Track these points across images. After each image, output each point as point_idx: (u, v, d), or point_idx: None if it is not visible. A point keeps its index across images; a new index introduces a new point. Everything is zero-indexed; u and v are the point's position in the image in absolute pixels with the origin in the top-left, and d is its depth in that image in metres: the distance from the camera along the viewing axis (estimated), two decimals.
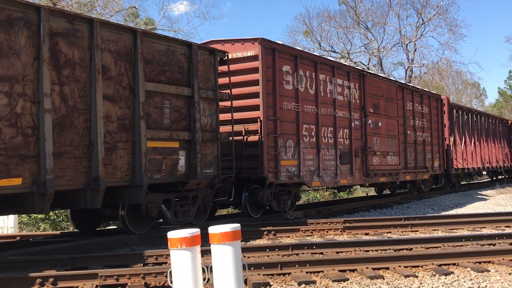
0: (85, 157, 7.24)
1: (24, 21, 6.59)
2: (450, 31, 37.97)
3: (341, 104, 12.67)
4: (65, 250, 7.21)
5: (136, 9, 28.81)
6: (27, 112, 6.58)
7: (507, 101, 64.58)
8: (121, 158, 7.74)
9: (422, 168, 16.55)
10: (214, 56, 9.46)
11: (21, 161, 6.49)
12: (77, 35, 7.20)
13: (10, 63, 6.42)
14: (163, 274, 5.48)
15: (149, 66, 8.20)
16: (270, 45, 10.70)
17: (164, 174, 8.40)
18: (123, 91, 7.80)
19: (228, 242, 4.28)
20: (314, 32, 37.81)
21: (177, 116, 8.70)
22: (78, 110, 7.19)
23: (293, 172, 10.94)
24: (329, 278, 5.64)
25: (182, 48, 8.84)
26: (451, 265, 6.24)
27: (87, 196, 7.30)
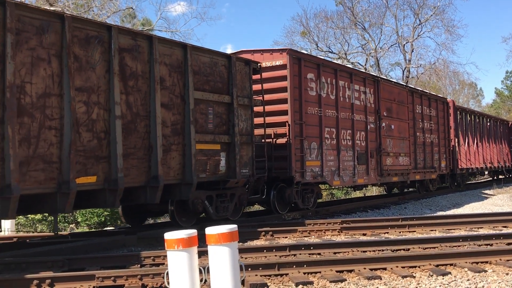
0: (145, 158, 8.17)
1: (98, 39, 7.52)
2: (447, 31, 37.61)
3: (358, 108, 13.63)
4: (62, 252, 7.21)
5: (133, 10, 28.80)
6: (100, 118, 7.50)
7: (504, 102, 64.90)
8: (174, 159, 8.66)
9: (430, 168, 17.55)
10: (249, 66, 10.40)
11: (96, 161, 7.42)
12: (139, 50, 8.13)
13: (87, 76, 7.35)
14: (160, 275, 5.46)
15: (196, 76, 9.12)
16: (297, 55, 11.65)
17: (208, 173, 9.33)
18: (175, 99, 8.73)
19: (225, 243, 4.27)
20: (311, 32, 37.91)
21: (218, 121, 9.63)
22: (140, 116, 8.11)
23: (317, 172, 11.89)
24: (327, 279, 5.65)
25: (223, 60, 9.77)
26: (448, 266, 6.24)
27: (147, 193, 8.23)
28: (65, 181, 6.93)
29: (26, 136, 6.56)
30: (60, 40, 7.01)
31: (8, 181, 6.29)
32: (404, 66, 37.55)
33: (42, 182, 6.76)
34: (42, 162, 6.75)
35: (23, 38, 6.59)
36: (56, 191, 6.93)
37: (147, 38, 8.27)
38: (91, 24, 7.47)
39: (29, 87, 6.64)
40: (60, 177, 6.95)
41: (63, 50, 7.01)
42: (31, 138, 6.63)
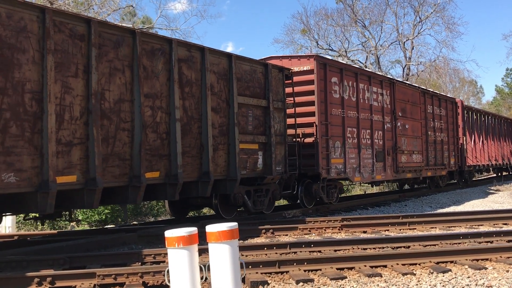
0: (198, 156, 9.19)
1: (161, 51, 8.52)
2: (448, 29, 37.28)
3: (376, 109, 14.65)
4: (63, 250, 7.23)
5: (133, 8, 28.49)
6: (163, 121, 8.52)
7: (505, 99, 64.98)
8: (221, 157, 9.68)
9: (440, 165, 18.60)
10: (282, 73, 11.42)
11: (159, 159, 8.44)
12: (193, 60, 9.14)
13: (152, 84, 8.36)
14: (161, 273, 5.45)
15: (239, 83, 10.12)
16: (323, 61, 12.66)
17: (248, 170, 10.34)
18: (222, 103, 9.74)
19: (226, 241, 4.27)
20: (311, 30, 37.74)
21: (257, 123, 10.64)
22: (194, 119, 9.12)
23: (340, 169, 12.91)
24: (327, 276, 5.65)
25: (260, 67, 10.77)
26: (448, 263, 6.24)
27: (199, 187, 9.26)
28: (135, 176, 7.96)
29: (105, 136, 7.58)
30: (131, 53, 8.02)
31: (93, 175, 7.31)
32: (405, 63, 37.57)
33: (117, 176, 7.78)
34: (117, 159, 7.77)
35: (103, 51, 7.60)
36: (127, 184, 7.95)
37: (199, 49, 9.27)
38: (156, 38, 8.47)
39: (107, 94, 7.65)
40: (131, 172, 7.97)
41: (134, 61, 8.03)
42: (109, 138, 7.64)
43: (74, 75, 7.21)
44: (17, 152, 6.49)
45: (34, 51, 6.73)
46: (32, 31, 6.71)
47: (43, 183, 6.71)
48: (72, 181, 7.14)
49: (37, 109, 6.72)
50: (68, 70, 7.13)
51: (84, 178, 7.28)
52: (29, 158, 6.61)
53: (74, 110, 7.18)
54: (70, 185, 7.10)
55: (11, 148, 6.42)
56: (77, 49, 7.26)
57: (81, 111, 7.27)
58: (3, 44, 6.39)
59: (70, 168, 7.11)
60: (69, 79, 7.14)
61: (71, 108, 7.15)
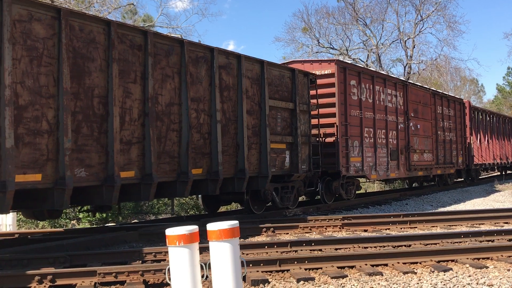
0: (234, 155, 10.02)
1: (204, 58, 9.36)
2: (449, 27, 37.15)
3: (391, 110, 15.49)
4: (64, 248, 7.25)
5: (134, 6, 28.59)
6: (205, 122, 9.36)
7: (506, 98, 65.19)
8: (253, 156, 10.51)
9: (449, 163, 19.45)
10: (307, 77, 12.25)
11: (202, 156, 9.28)
12: (231, 67, 9.97)
13: (197, 89, 9.20)
14: (161, 271, 5.48)
15: (269, 87, 10.95)
16: (343, 65, 13.50)
17: (277, 168, 11.18)
18: (255, 106, 10.57)
19: (227, 239, 4.27)
20: (312, 28, 37.77)
21: (284, 124, 11.47)
22: (231, 120, 9.96)
23: (358, 167, 13.77)
24: (328, 275, 5.65)
25: (288, 73, 11.60)
26: (449, 262, 6.24)
27: (234, 183, 10.09)
28: (183, 172, 8.80)
29: (158, 136, 8.42)
30: (179, 61, 8.85)
31: (148, 171, 8.16)
32: (406, 62, 37.61)
33: (167, 172, 8.62)
34: (168, 156, 8.62)
35: (157, 60, 8.43)
36: (175, 179, 8.79)
37: (236, 56, 10.10)
38: (200, 47, 9.30)
39: (160, 98, 8.49)
40: (179, 169, 8.81)
41: (182, 69, 8.86)
42: (161, 138, 8.48)
43: (133, 81, 8.05)
44: (87, 150, 7.34)
45: (101, 60, 7.57)
46: (99, 42, 7.55)
47: (108, 177, 7.56)
48: (131, 176, 7.99)
49: (103, 112, 7.56)
50: (128, 77, 7.97)
51: (140, 174, 8.13)
52: (96, 155, 7.46)
53: (133, 113, 8.03)
54: (129, 179, 7.95)
55: (82, 146, 7.27)
56: (136, 58, 8.10)
57: (139, 113, 8.12)
58: (76, 54, 7.22)
59: (129, 164, 7.96)
60: (129, 85, 7.98)
61: (131, 111, 7.99)
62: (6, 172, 6.23)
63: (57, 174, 6.91)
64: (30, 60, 6.67)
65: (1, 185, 6.22)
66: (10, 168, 6.27)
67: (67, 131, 6.95)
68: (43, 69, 6.82)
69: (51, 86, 6.89)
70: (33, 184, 6.68)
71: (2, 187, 6.22)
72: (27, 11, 6.66)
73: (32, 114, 6.67)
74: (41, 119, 6.78)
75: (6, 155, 6.24)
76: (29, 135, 6.63)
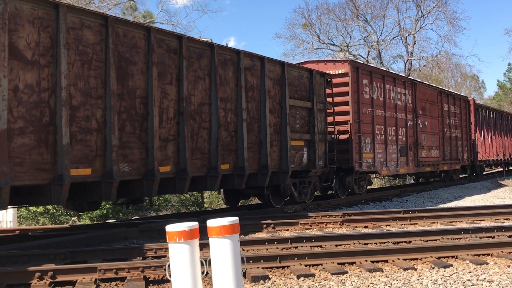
0: (257, 151, 10.64)
1: (231, 61, 9.96)
2: (450, 23, 37.43)
3: (400, 108, 16.11)
4: (64, 244, 7.27)
5: (134, 2, 28.81)
6: (232, 121, 9.97)
7: (506, 94, 65.06)
8: (275, 152, 11.13)
9: (455, 159, 20.11)
10: (324, 78, 12.86)
11: (229, 153, 9.90)
12: (255, 68, 10.57)
13: (225, 89, 9.81)
14: (162, 268, 5.49)
15: (289, 87, 11.56)
16: (355, 65, 14.12)
17: (296, 164, 11.80)
18: (276, 105, 11.19)
19: (227, 236, 4.27)
20: (313, 25, 37.95)
21: (303, 122, 12.09)
22: (255, 119, 10.58)
23: (370, 163, 14.40)
24: (328, 271, 5.66)
25: (306, 73, 12.21)
26: (450, 258, 6.24)
27: (258, 178, 10.71)
28: (213, 167, 9.43)
29: (191, 134, 9.03)
30: (210, 63, 9.46)
31: (183, 166, 8.78)
32: (406, 58, 37.77)
33: (199, 167, 9.24)
34: (199, 153, 9.24)
35: (190, 62, 9.04)
36: (206, 174, 9.41)
37: (260, 58, 10.71)
38: (228, 50, 9.90)
39: (193, 98, 9.10)
40: (209, 164, 9.44)
41: (211, 71, 9.47)
42: (193, 135, 9.10)
43: (170, 83, 8.66)
44: (130, 146, 7.96)
45: (142, 64, 8.17)
46: (140, 47, 8.16)
47: (149, 172, 8.18)
48: (168, 171, 8.62)
49: (144, 111, 8.18)
50: (165, 79, 8.58)
51: (175, 168, 8.75)
52: (138, 151, 8.08)
53: (169, 112, 8.64)
54: (166, 174, 8.57)
55: (126, 143, 7.89)
56: (172, 61, 8.71)
57: (174, 113, 8.73)
58: (121, 58, 7.83)
59: (166, 160, 8.58)
60: (166, 86, 8.59)
61: (167, 110, 8.61)
62: (63, 167, 6.84)
63: (104, 168, 7.53)
64: (82, 64, 7.28)
65: (58, 179, 6.84)
66: (66, 163, 6.89)
67: (114, 129, 7.56)
68: (92, 72, 7.43)
69: (99, 88, 7.51)
70: (84, 178, 7.30)
71: (59, 180, 6.84)
72: (79, 19, 7.26)
73: (83, 113, 7.29)
74: (91, 118, 7.39)
75: (62, 151, 6.86)
76: (81, 133, 7.24)
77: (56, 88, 6.89)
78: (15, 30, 6.49)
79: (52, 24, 6.91)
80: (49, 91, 6.84)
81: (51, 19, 6.90)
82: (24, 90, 6.58)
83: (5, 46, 6.29)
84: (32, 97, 6.66)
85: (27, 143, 6.59)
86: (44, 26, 6.83)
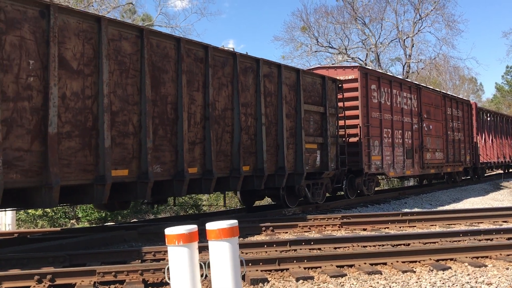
0: (274, 154, 11.23)
1: (251, 69, 10.56)
2: (448, 26, 37.60)
3: (406, 112, 16.73)
4: (63, 247, 7.26)
5: (133, 5, 28.89)
6: (252, 125, 10.57)
7: (504, 96, 65.41)
8: (290, 155, 11.72)
9: (458, 162, 20.74)
10: (335, 84, 13.48)
11: (249, 155, 10.48)
12: (272, 75, 11.18)
13: (245, 95, 10.40)
14: (161, 271, 5.49)
15: (304, 93, 12.16)
16: (364, 70, 14.74)
17: (309, 166, 12.39)
18: (292, 110, 11.79)
19: (226, 238, 4.27)
20: (311, 28, 38.20)
21: (316, 126, 12.69)
22: (272, 123, 11.17)
23: (378, 165, 15.00)
24: (327, 274, 5.65)
25: (319, 79, 12.82)
26: (448, 260, 6.23)
27: (275, 179, 11.30)
28: (235, 169, 10.01)
29: (216, 137, 9.62)
30: (232, 71, 10.05)
31: (209, 167, 9.36)
32: (405, 61, 38.04)
33: (222, 169, 9.82)
34: (223, 155, 9.82)
35: (215, 70, 9.63)
36: (228, 175, 10.00)
37: (277, 66, 11.31)
38: (248, 58, 10.51)
39: (217, 104, 9.70)
40: (231, 166, 10.02)
41: (234, 78, 10.07)
42: (218, 139, 9.69)
43: (197, 89, 9.25)
44: (162, 149, 8.55)
45: (172, 72, 8.77)
46: (171, 56, 8.75)
47: (178, 173, 8.77)
48: (195, 172, 9.20)
49: (174, 116, 8.77)
50: (193, 86, 9.17)
51: (202, 170, 9.34)
52: (169, 154, 8.67)
53: (196, 117, 9.24)
54: (193, 175, 9.15)
55: (158, 146, 8.47)
56: (198, 69, 9.30)
57: (201, 117, 9.32)
58: (154, 67, 8.42)
59: (193, 161, 9.16)
60: (193, 93, 9.19)
61: (195, 115, 9.20)
62: (104, 168, 7.43)
63: (139, 170, 8.11)
64: (120, 73, 7.88)
65: (100, 179, 7.43)
66: (108, 164, 7.48)
67: (149, 133, 8.15)
68: (129, 80, 8.02)
69: (136, 95, 8.10)
70: (122, 178, 7.88)
71: (101, 180, 7.43)
72: (118, 31, 7.86)
73: (122, 119, 7.87)
74: (128, 123, 7.98)
75: (104, 153, 7.44)
76: (119, 137, 7.83)
77: (98, 95, 7.48)
78: (63, 42, 7.08)
79: (95, 36, 7.51)
80: (92, 98, 7.44)
81: (94, 32, 7.50)
82: (71, 97, 7.17)
83: (55, 57, 6.89)
84: (77, 104, 7.25)
85: (73, 146, 7.18)
86: (88, 38, 7.42)
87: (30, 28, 6.69)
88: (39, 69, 6.77)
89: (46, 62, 6.81)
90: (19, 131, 6.55)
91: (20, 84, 6.57)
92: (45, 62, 6.81)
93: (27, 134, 6.62)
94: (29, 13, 6.70)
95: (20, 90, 6.57)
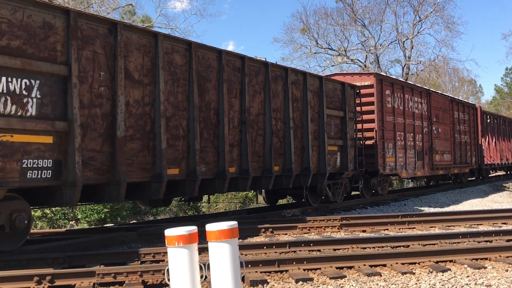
0: (300, 155, 12.16)
1: (280, 77, 11.52)
2: (447, 28, 37.74)
3: (417, 115, 17.72)
4: (62, 248, 7.25)
5: (132, 6, 28.96)
6: (281, 128, 11.51)
7: (504, 98, 66.28)
8: (314, 156, 12.65)
9: (464, 163, 21.73)
10: (354, 90, 14.45)
11: (278, 156, 11.42)
12: (298, 82, 12.13)
13: (275, 101, 11.35)
14: (160, 272, 5.47)
15: (326, 98, 13.11)
16: (380, 77, 15.72)
17: (331, 167, 13.32)
18: (315, 115, 12.74)
19: (226, 240, 4.27)
20: (311, 29, 38.32)
21: (336, 130, 13.64)
22: (299, 127, 12.12)
23: (392, 166, 15.96)
24: (327, 275, 5.65)
25: (339, 86, 13.78)
26: (448, 262, 6.22)
27: (301, 179, 12.23)
28: (267, 169, 10.95)
29: (250, 140, 10.55)
30: (264, 79, 11.00)
31: (245, 167, 10.30)
32: (404, 63, 38.20)
33: (256, 169, 10.76)
34: (256, 156, 10.77)
35: (249, 79, 10.58)
36: (261, 175, 10.93)
37: (303, 74, 12.28)
38: (278, 67, 11.47)
39: (252, 109, 10.64)
40: (263, 166, 10.96)
41: (265, 85, 11.02)
42: (252, 141, 10.63)
43: (235, 96, 10.20)
44: (206, 150, 9.49)
45: (215, 81, 9.71)
46: (213, 66, 9.70)
47: (220, 172, 9.70)
48: (233, 172, 10.13)
49: (216, 121, 9.71)
50: (232, 93, 10.12)
51: (239, 170, 10.27)
52: (212, 155, 9.61)
53: (234, 121, 10.18)
54: (232, 174, 10.08)
55: (203, 147, 9.41)
56: (236, 78, 10.25)
57: (238, 122, 10.27)
58: (200, 77, 9.37)
59: (232, 162, 10.10)
60: (232, 99, 10.13)
61: (233, 120, 10.14)
62: (161, 167, 8.36)
63: (188, 169, 9.05)
64: (172, 82, 8.82)
65: (158, 176, 8.36)
66: (164, 164, 8.41)
67: (197, 135, 9.09)
68: (180, 88, 8.96)
69: (185, 102, 9.04)
70: (173, 177, 8.81)
71: (158, 177, 8.36)
72: (171, 45, 8.80)
73: (174, 123, 8.81)
74: (179, 127, 8.92)
75: (161, 154, 8.38)
76: (172, 139, 8.76)
77: (155, 103, 8.42)
78: (127, 56, 8.03)
79: (152, 50, 8.45)
80: (150, 105, 8.38)
81: (151, 46, 8.45)
82: (133, 104, 8.12)
83: (122, 69, 7.83)
84: (138, 110, 8.19)
85: (135, 147, 8.12)
86: (147, 51, 8.37)
87: (101, 43, 7.64)
88: (108, 80, 7.71)
89: (113, 74, 7.76)
90: (93, 135, 7.49)
91: (93, 93, 7.51)
92: (113, 73, 7.76)
93: (99, 137, 7.57)
94: (100, 30, 7.64)
95: (93, 98, 7.51)
